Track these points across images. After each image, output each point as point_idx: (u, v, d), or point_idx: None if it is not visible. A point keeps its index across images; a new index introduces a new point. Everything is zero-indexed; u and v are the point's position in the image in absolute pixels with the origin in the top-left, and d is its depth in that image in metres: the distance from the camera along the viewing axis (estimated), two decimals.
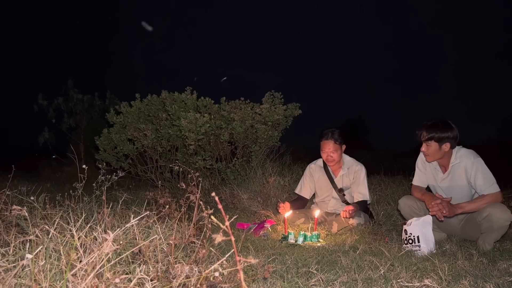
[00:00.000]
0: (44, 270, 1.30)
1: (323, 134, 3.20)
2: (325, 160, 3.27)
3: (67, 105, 8.91)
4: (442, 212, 2.41)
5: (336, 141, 3.16)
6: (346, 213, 2.90)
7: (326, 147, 3.19)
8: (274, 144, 4.90)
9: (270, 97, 4.87)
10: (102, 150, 5.26)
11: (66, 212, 2.07)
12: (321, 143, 3.22)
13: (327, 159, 3.23)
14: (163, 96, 5.06)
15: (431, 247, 2.38)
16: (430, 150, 2.60)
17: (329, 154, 3.19)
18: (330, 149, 3.17)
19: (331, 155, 3.19)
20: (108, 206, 1.90)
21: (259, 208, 3.78)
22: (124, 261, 1.49)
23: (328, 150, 3.18)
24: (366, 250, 2.37)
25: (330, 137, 3.16)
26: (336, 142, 3.16)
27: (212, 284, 1.27)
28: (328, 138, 3.17)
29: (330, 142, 3.16)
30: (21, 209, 1.45)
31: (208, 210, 1.35)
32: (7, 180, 2.50)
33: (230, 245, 2.35)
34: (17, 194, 2.39)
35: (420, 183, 2.84)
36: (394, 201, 3.85)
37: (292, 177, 4.35)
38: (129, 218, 1.68)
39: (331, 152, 3.18)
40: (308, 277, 1.82)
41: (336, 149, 3.18)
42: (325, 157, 3.23)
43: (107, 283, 1.21)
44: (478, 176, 2.50)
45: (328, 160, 3.24)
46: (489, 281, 1.77)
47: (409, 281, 1.76)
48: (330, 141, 3.16)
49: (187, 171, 4.18)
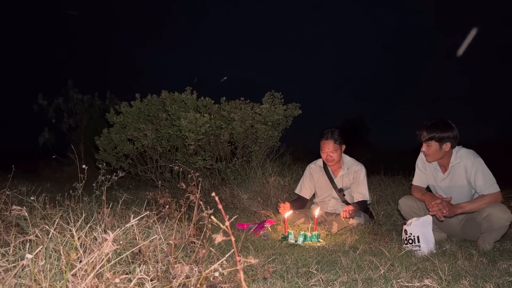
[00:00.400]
0: (44, 270, 1.30)
1: (323, 134, 3.20)
2: (325, 160, 3.27)
3: (67, 105, 8.91)
4: (442, 212, 2.41)
5: (336, 141, 3.16)
6: (346, 213, 2.90)
7: (325, 147, 3.19)
8: (274, 144, 4.90)
9: (270, 97, 4.87)
10: (102, 150, 5.25)
11: (66, 212, 2.07)
12: (320, 143, 3.23)
13: (327, 159, 3.23)
14: (163, 96, 5.06)
15: (431, 247, 2.38)
16: (431, 150, 2.61)
17: (329, 154, 3.19)
18: (330, 149, 3.18)
19: (330, 155, 3.19)
20: (108, 206, 1.90)
21: (259, 208, 3.78)
22: (124, 261, 1.49)
23: (327, 150, 3.19)
24: (366, 250, 2.37)
25: (330, 137, 3.16)
26: (335, 142, 3.16)
27: (212, 284, 1.27)
28: (328, 138, 3.17)
29: (330, 142, 3.16)
30: (21, 209, 1.45)
31: (208, 210, 1.35)
32: (7, 180, 2.50)
33: (230, 245, 2.35)
34: (17, 194, 2.40)
35: (420, 183, 2.84)
36: (394, 201, 3.85)
37: (292, 177, 4.35)
38: (129, 218, 1.68)
39: (331, 152, 3.18)
40: (308, 277, 1.82)
41: (336, 149, 3.18)
42: (325, 157, 3.23)
43: (107, 283, 1.21)
44: (478, 176, 2.50)
45: (327, 160, 3.24)
46: (489, 281, 1.77)
47: (409, 281, 1.76)
48: (330, 141, 3.16)
49: (187, 171, 4.18)
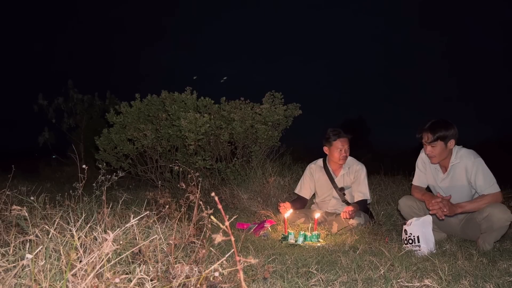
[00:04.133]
0: (44, 270, 1.30)
1: (337, 132, 3.24)
2: (339, 159, 3.25)
3: (67, 105, 8.92)
4: (442, 210, 2.41)
5: (350, 138, 3.26)
6: (346, 214, 2.90)
7: (345, 144, 3.23)
8: (274, 144, 4.90)
9: (270, 97, 4.87)
10: (102, 150, 5.26)
11: (66, 212, 2.07)
12: (334, 142, 3.22)
13: (343, 157, 3.25)
14: (163, 96, 5.06)
15: (431, 247, 2.38)
16: (437, 151, 2.59)
17: (347, 150, 3.25)
18: (347, 146, 3.24)
19: (347, 152, 3.25)
20: (108, 206, 1.90)
21: (259, 208, 3.78)
22: (124, 261, 1.49)
23: (346, 147, 3.24)
24: (366, 250, 2.37)
25: (344, 135, 3.24)
26: (350, 139, 3.26)
27: (212, 284, 1.27)
28: (343, 136, 3.24)
29: (347, 139, 3.24)
30: (21, 209, 1.45)
31: (208, 210, 1.35)
32: (7, 180, 2.50)
33: (230, 245, 2.35)
34: (17, 194, 2.40)
35: (420, 183, 2.84)
36: (394, 201, 3.85)
37: (292, 177, 4.35)
38: (129, 218, 1.68)
39: (348, 149, 3.25)
40: (308, 277, 1.82)
41: (349, 146, 3.27)
42: (342, 154, 3.24)
43: (107, 283, 1.21)
44: (478, 176, 2.50)
45: (342, 158, 3.26)
46: (489, 281, 1.77)
47: (409, 281, 1.76)
48: (347, 138, 3.25)
49: (187, 171, 4.18)
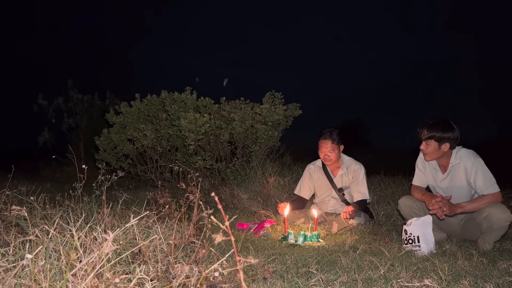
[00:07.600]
0: (44, 270, 1.29)
1: (322, 133, 3.22)
2: (323, 160, 3.28)
3: (67, 105, 8.92)
4: (442, 210, 2.41)
5: (334, 141, 3.17)
6: (346, 214, 2.90)
7: (323, 147, 3.20)
8: (274, 144, 4.90)
9: (270, 97, 4.87)
10: (102, 150, 5.26)
11: (66, 212, 2.07)
12: (319, 142, 3.24)
13: (324, 159, 3.25)
14: (163, 96, 5.06)
15: (431, 247, 2.38)
16: (429, 149, 2.60)
17: (326, 153, 3.21)
18: (328, 149, 3.19)
19: (328, 154, 3.20)
20: (108, 206, 1.89)
21: (259, 208, 3.78)
22: (124, 261, 1.49)
23: (325, 150, 3.20)
24: (366, 250, 2.37)
25: (328, 137, 3.18)
26: (333, 142, 3.17)
27: (212, 284, 1.27)
28: (326, 137, 3.18)
29: (327, 141, 3.18)
30: (21, 209, 1.45)
31: (208, 210, 1.35)
32: (7, 180, 2.50)
33: (230, 245, 2.35)
34: (17, 194, 2.40)
35: (420, 183, 2.84)
36: (394, 201, 3.85)
37: (292, 177, 4.35)
38: (129, 218, 1.68)
39: (328, 152, 3.19)
40: (308, 277, 1.82)
41: (334, 148, 3.19)
42: (322, 156, 3.25)
43: (107, 283, 1.21)
44: (478, 176, 2.50)
45: (325, 160, 3.25)
46: (489, 281, 1.77)
47: (409, 281, 1.76)
48: (327, 140, 3.18)
49: (187, 171, 4.18)
